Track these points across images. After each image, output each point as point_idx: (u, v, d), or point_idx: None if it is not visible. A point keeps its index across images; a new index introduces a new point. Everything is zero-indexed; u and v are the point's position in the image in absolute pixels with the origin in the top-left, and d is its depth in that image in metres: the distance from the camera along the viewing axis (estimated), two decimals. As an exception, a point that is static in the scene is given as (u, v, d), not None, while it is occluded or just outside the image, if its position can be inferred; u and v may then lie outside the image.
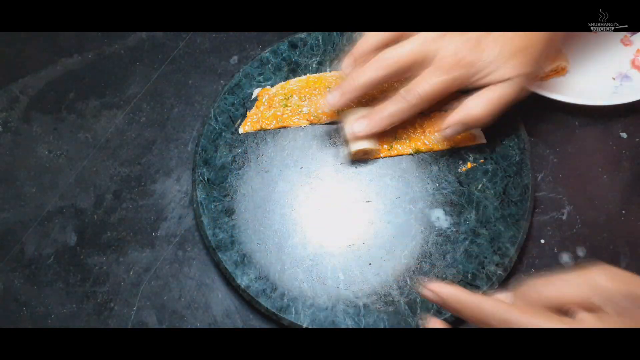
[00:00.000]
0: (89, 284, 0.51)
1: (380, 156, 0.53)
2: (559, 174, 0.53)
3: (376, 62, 0.49)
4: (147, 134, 0.58)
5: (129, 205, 0.55)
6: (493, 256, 0.48)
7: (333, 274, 0.48)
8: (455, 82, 0.47)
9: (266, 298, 0.47)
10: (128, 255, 0.52)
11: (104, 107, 0.60)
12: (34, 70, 0.63)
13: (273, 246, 0.50)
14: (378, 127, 0.51)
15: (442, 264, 0.48)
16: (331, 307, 0.47)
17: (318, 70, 0.58)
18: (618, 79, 0.57)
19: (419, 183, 0.52)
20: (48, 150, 0.58)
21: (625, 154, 0.54)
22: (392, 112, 0.50)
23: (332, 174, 0.53)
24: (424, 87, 0.47)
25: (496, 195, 0.51)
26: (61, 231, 0.54)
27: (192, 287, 0.51)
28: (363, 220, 0.51)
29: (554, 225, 0.51)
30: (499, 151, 0.53)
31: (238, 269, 0.49)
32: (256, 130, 0.55)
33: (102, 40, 0.64)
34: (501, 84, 0.47)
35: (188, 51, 0.63)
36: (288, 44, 0.59)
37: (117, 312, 0.50)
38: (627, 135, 0.55)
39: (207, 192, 0.52)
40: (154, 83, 0.61)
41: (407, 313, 0.46)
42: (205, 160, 0.54)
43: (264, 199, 0.52)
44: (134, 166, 0.57)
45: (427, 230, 0.50)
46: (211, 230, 0.50)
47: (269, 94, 0.57)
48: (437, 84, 0.47)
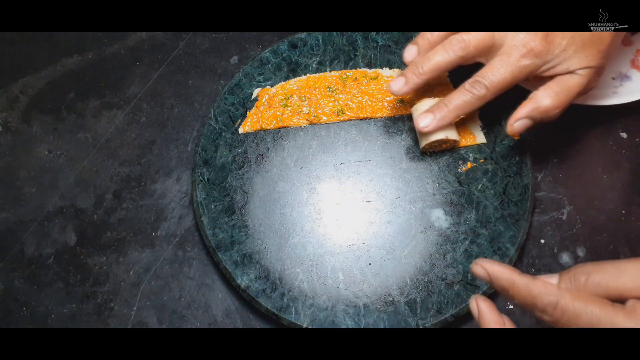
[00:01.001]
0: (89, 284, 0.51)
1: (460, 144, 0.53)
2: (559, 174, 0.53)
3: (445, 45, 0.47)
4: (147, 134, 0.58)
5: (129, 205, 0.55)
6: (493, 256, 0.48)
7: (333, 274, 0.48)
8: (523, 72, 0.46)
9: (266, 298, 0.47)
10: (128, 255, 0.52)
11: (104, 107, 0.60)
12: (34, 70, 0.63)
13: (273, 246, 0.50)
14: (444, 120, 0.49)
15: (442, 264, 0.48)
16: (331, 307, 0.47)
17: (318, 70, 0.58)
18: (618, 79, 0.57)
19: (419, 183, 0.52)
20: (48, 150, 0.58)
21: (625, 154, 0.54)
22: (459, 105, 0.48)
23: (332, 174, 0.53)
24: (492, 77, 0.46)
25: (496, 195, 0.51)
26: (61, 231, 0.54)
27: (192, 287, 0.51)
28: (363, 220, 0.51)
29: (554, 225, 0.51)
30: (499, 151, 0.53)
31: (238, 269, 0.49)
32: (256, 130, 0.55)
33: (102, 40, 0.64)
34: (569, 75, 0.45)
35: (188, 51, 0.63)
36: (288, 44, 0.59)
37: (117, 312, 0.50)
38: (627, 135, 0.55)
39: (207, 192, 0.52)
40: (154, 83, 0.61)
41: (407, 313, 0.46)
42: (205, 160, 0.54)
43: (264, 199, 0.52)
44: (134, 166, 0.57)
45: (427, 230, 0.50)
46: (211, 230, 0.50)
47: (269, 94, 0.57)
48: (506, 74, 0.45)
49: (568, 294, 0.32)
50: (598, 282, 0.32)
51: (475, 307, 0.35)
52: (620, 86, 0.56)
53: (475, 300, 0.36)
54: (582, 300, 0.31)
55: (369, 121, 0.55)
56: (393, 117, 0.55)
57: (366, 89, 0.56)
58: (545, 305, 0.32)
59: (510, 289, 0.34)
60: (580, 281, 0.33)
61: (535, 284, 0.33)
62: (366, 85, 0.56)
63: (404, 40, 0.58)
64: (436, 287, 0.47)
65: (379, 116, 0.55)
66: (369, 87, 0.56)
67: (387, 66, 0.58)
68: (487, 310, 0.35)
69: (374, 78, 0.57)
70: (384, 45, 0.59)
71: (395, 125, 0.55)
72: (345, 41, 0.59)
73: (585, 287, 0.32)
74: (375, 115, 0.55)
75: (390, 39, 0.59)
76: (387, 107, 0.55)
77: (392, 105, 0.55)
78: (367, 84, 0.56)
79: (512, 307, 0.48)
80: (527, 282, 0.33)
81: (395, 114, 0.55)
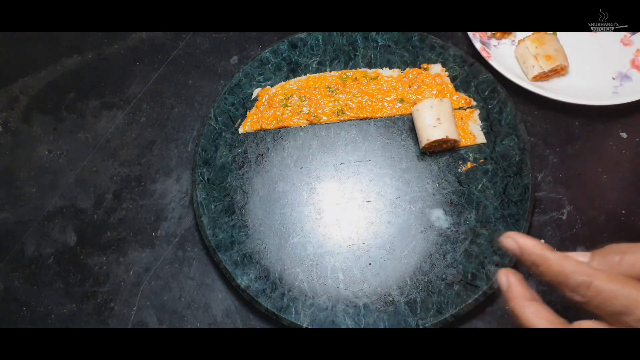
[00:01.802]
0: (89, 284, 0.51)
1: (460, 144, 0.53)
2: (559, 174, 0.53)
3: None
4: (147, 134, 0.58)
5: (129, 205, 0.55)
6: (493, 256, 0.48)
7: (333, 274, 0.48)
8: None
9: (266, 298, 0.47)
10: (128, 255, 0.52)
11: (104, 107, 0.60)
12: (34, 70, 0.63)
13: (273, 246, 0.50)
14: None
15: (442, 264, 0.48)
16: (331, 307, 0.47)
17: (318, 70, 0.58)
18: (618, 79, 0.57)
19: (419, 183, 0.52)
20: (48, 150, 0.58)
21: (625, 154, 0.54)
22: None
23: (332, 174, 0.53)
24: None
25: (496, 195, 0.51)
26: (61, 231, 0.54)
27: (192, 287, 0.51)
28: (363, 220, 0.51)
29: (554, 225, 0.51)
30: (499, 151, 0.53)
31: (238, 269, 0.48)
32: (256, 130, 0.55)
33: (102, 40, 0.64)
34: None
35: (188, 51, 0.63)
36: (288, 44, 0.59)
37: (117, 312, 0.50)
38: (627, 135, 0.55)
39: (207, 192, 0.52)
40: (154, 83, 0.61)
41: (407, 313, 0.46)
42: (205, 160, 0.54)
43: (264, 199, 0.52)
44: (134, 166, 0.57)
45: (427, 230, 0.50)
46: (211, 230, 0.50)
47: (269, 94, 0.57)
48: None
49: (603, 275, 0.30)
50: (633, 262, 0.31)
51: (505, 280, 0.34)
52: (620, 86, 0.56)
53: (505, 273, 0.34)
54: (619, 282, 0.30)
55: (369, 121, 0.55)
56: (393, 117, 0.55)
57: (366, 89, 0.56)
58: (577, 285, 0.30)
59: (542, 264, 0.32)
60: (614, 260, 0.31)
61: (569, 262, 0.31)
62: (366, 85, 0.56)
63: (404, 40, 0.58)
64: (436, 287, 0.47)
65: (379, 116, 0.55)
66: (369, 87, 0.56)
67: (387, 66, 0.58)
68: (517, 283, 0.33)
69: (374, 78, 0.57)
70: (384, 45, 0.59)
71: (395, 125, 0.55)
72: (345, 41, 0.59)
73: (618, 267, 0.31)
74: (375, 115, 0.55)
75: (390, 39, 0.59)
76: (387, 107, 0.55)
77: (392, 105, 0.55)
78: (367, 84, 0.57)
79: (512, 307, 0.48)
80: (560, 259, 0.31)
81: (395, 114, 0.55)
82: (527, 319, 0.32)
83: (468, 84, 0.56)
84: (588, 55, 0.58)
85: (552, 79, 0.57)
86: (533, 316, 0.32)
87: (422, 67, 0.57)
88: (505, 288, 0.34)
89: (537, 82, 0.56)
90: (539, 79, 0.56)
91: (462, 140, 0.53)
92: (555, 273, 0.31)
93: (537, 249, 0.32)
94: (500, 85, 0.55)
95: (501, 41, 0.60)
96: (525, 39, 0.57)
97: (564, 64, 0.56)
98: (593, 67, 0.57)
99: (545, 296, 0.34)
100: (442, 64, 0.57)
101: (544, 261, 0.32)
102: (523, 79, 0.56)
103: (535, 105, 0.56)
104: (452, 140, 0.51)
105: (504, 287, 0.34)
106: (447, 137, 0.50)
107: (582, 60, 0.58)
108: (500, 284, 0.34)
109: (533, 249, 0.33)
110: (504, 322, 0.47)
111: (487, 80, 0.56)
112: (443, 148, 0.53)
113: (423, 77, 0.56)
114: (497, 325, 0.47)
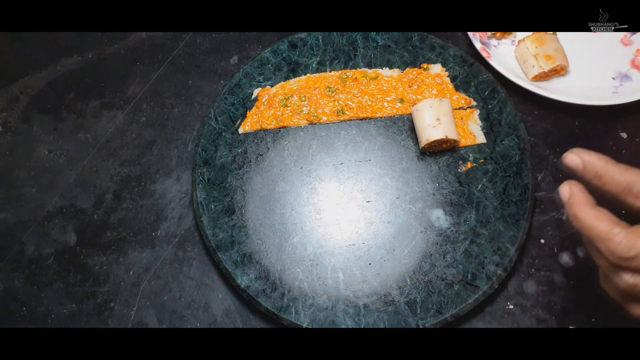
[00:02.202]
0: (89, 284, 0.51)
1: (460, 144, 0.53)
2: (559, 174, 0.53)
3: None
4: (147, 134, 0.58)
5: (129, 205, 0.55)
6: (493, 256, 0.48)
7: (333, 274, 0.48)
8: None
9: (266, 298, 0.47)
10: (128, 255, 0.52)
11: (104, 107, 0.60)
12: (34, 70, 0.63)
13: (273, 246, 0.50)
14: None
15: (442, 264, 0.48)
16: (331, 307, 0.47)
17: (318, 70, 0.58)
18: (618, 79, 0.57)
19: (419, 183, 0.52)
20: (48, 150, 0.58)
21: (625, 154, 0.54)
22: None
23: (332, 174, 0.53)
24: None
25: (496, 195, 0.51)
26: (61, 231, 0.54)
27: (192, 287, 0.51)
28: (363, 220, 0.51)
29: (554, 225, 0.51)
30: (499, 151, 0.53)
31: (238, 269, 0.49)
32: (256, 130, 0.55)
33: (102, 40, 0.64)
34: None
35: (188, 51, 0.63)
36: (288, 44, 0.59)
37: (117, 312, 0.50)
38: (627, 135, 0.55)
39: (207, 192, 0.52)
40: (154, 83, 0.61)
41: (407, 313, 0.46)
42: (205, 160, 0.54)
43: (264, 199, 0.52)
44: (134, 166, 0.57)
45: (427, 230, 0.50)
46: (211, 230, 0.50)
47: (269, 94, 0.57)
48: None
49: None
50: None
51: (568, 189, 0.36)
52: (620, 86, 0.56)
53: (568, 183, 0.36)
54: None
55: (369, 121, 0.55)
56: (393, 117, 0.55)
57: (366, 89, 0.56)
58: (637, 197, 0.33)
59: (605, 175, 0.35)
60: None
61: (631, 172, 0.34)
62: (366, 85, 0.56)
63: (404, 40, 0.58)
64: (436, 287, 0.47)
65: (379, 116, 0.55)
66: (369, 87, 0.56)
67: (387, 66, 0.58)
68: (579, 191, 0.35)
69: (374, 78, 0.57)
70: (384, 45, 0.59)
71: (395, 125, 0.55)
72: (345, 41, 0.59)
73: None
74: (375, 115, 0.55)
75: (390, 39, 0.59)
76: (387, 107, 0.55)
77: (392, 105, 0.55)
78: (367, 84, 0.57)
79: (511, 307, 0.48)
80: (623, 169, 0.34)
81: (395, 114, 0.55)
82: (589, 222, 0.34)
83: (468, 84, 0.56)
84: (588, 55, 0.58)
85: (552, 79, 0.57)
86: (595, 218, 0.34)
87: (422, 67, 0.57)
88: (567, 197, 0.36)
89: (537, 82, 0.56)
90: (539, 79, 0.56)
91: (462, 140, 0.53)
92: (617, 182, 0.34)
93: (600, 162, 0.35)
94: (500, 85, 0.55)
95: (501, 41, 0.60)
96: (525, 39, 0.57)
97: (564, 64, 0.56)
98: (593, 67, 0.57)
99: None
100: (442, 64, 0.57)
101: (606, 172, 0.35)
102: (523, 79, 0.56)
103: (535, 105, 0.56)
104: (451, 140, 0.51)
105: (566, 196, 0.36)
106: (447, 137, 0.50)
107: (582, 60, 0.58)
108: (561, 193, 0.36)
109: (596, 162, 0.35)
110: (504, 322, 0.47)
111: (487, 80, 0.56)
112: (443, 148, 0.53)
113: (423, 77, 0.56)
114: (497, 325, 0.47)
